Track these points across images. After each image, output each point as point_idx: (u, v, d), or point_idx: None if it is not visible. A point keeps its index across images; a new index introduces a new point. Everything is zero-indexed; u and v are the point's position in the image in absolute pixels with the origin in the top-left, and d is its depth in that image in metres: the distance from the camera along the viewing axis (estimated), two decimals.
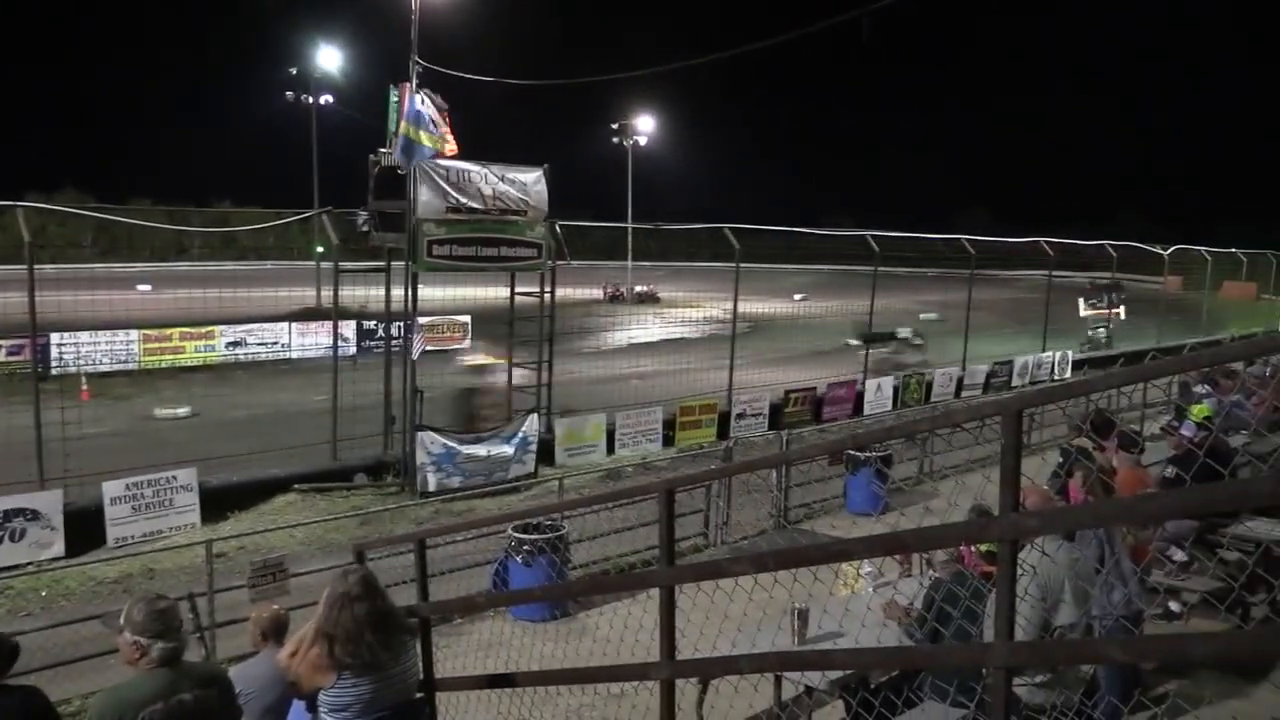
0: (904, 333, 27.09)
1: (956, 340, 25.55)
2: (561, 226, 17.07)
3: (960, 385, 23.57)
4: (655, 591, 4.00)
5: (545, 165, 15.62)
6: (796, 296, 42.03)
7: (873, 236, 23.36)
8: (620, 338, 32.60)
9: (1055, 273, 28.76)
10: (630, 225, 50.58)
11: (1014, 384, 24.79)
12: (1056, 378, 26.41)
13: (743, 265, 20.03)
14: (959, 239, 27.15)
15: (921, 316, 36.94)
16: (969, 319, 25.01)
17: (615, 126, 57.19)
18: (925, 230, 35.67)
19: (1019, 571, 2.87)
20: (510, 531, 9.78)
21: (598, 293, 48.63)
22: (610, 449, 17.35)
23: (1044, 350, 27.37)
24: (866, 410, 21.21)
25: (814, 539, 11.07)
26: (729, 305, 20.75)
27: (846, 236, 29.29)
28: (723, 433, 18.47)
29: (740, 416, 19.16)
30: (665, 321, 38.99)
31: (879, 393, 21.82)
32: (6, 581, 10.95)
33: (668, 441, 18.05)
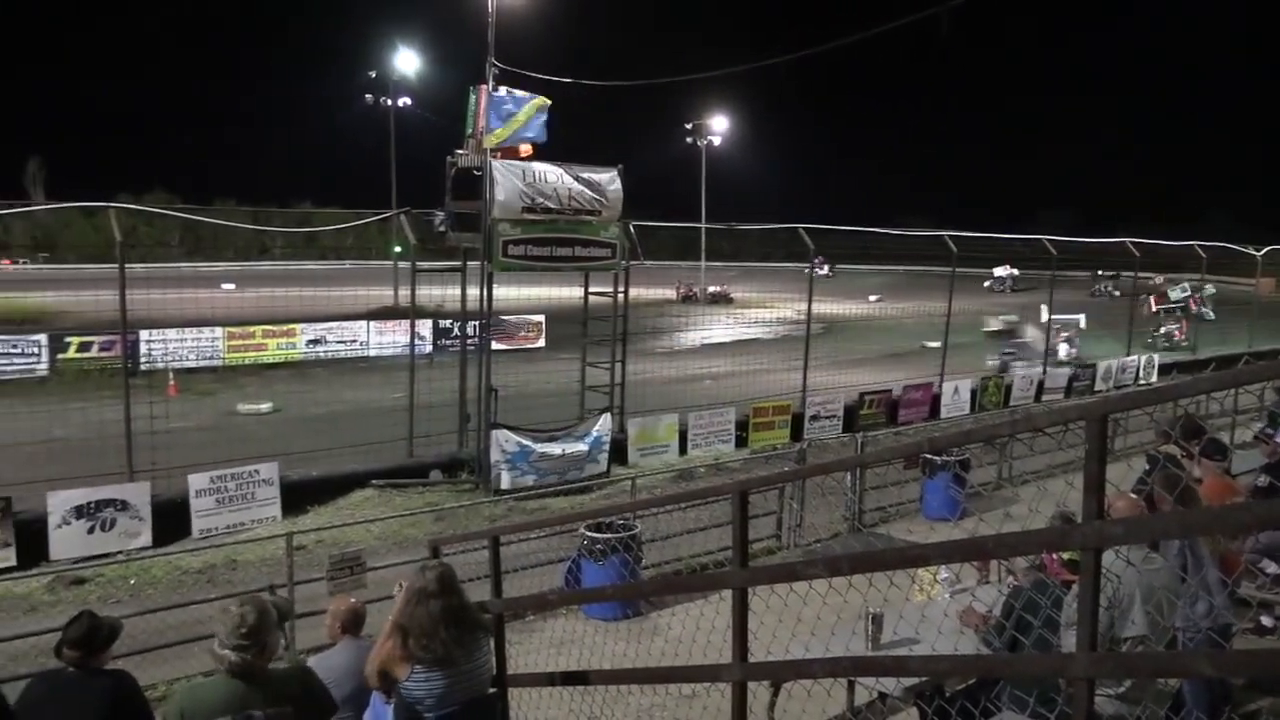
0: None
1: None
2: (635, 227, 17.10)
3: (1041, 389, 23.07)
4: (727, 593, 3.98)
5: (620, 165, 15.67)
6: (872, 297, 41.52)
7: (950, 236, 22.97)
8: (693, 338, 32.54)
9: (1141, 274, 27.95)
10: (704, 225, 50.44)
11: (1097, 388, 24.17)
12: (1142, 382, 25.69)
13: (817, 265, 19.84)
14: (1040, 239, 26.58)
15: (1000, 318, 36.23)
16: (1050, 322, 24.46)
17: (689, 126, 57.11)
18: (1004, 230, 34.98)
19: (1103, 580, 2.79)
20: (583, 530, 9.82)
21: (670, 293, 48.59)
22: (683, 449, 17.32)
23: (1128, 354, 26.64)
24: (943, 413, 20.88)
25: (890, 543, 10.90)
26: (803, 306, 20.58)
27: (923, 236, 28.83)
28: (796, 434, 18.33)
29: (814, 418, 18.99)
30: (738, 322, 38.81)
31: (956, 396, 21.46)
32: (98, 569, 11.37)
33: (740, 442, 17.97)
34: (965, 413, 21.26)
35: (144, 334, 25.28)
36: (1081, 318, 29.79)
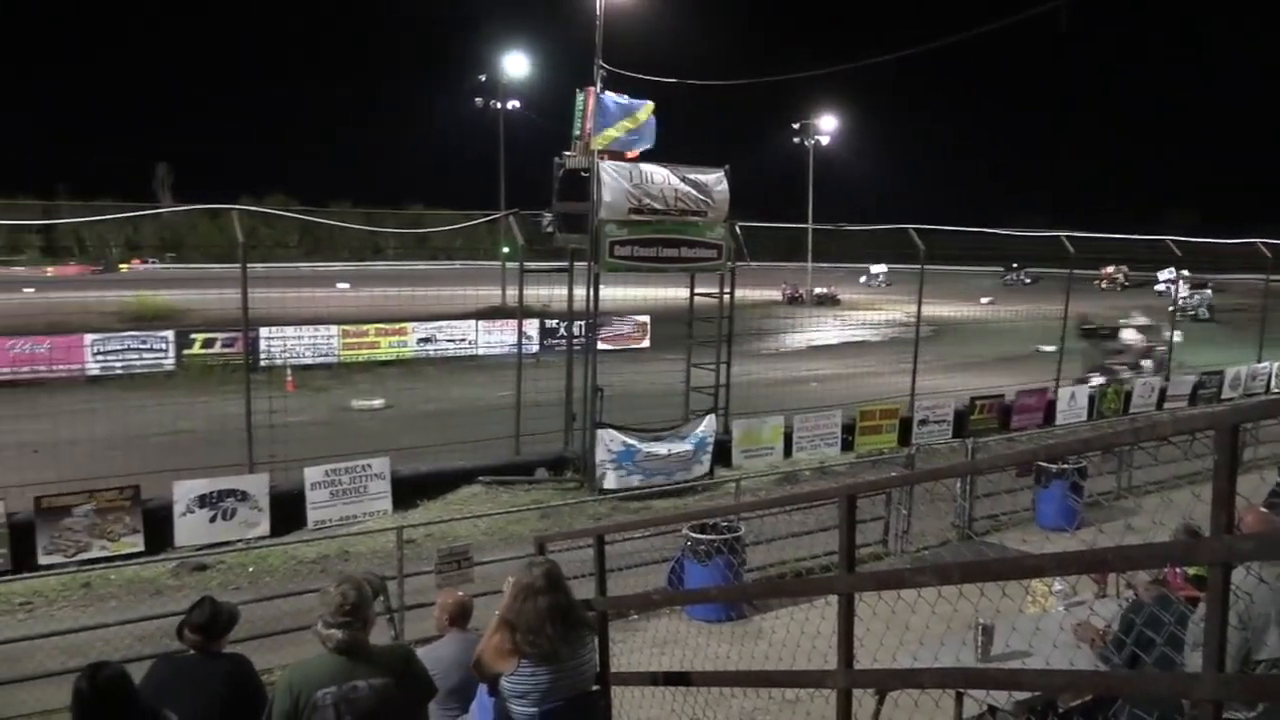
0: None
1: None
2: (741, 227, 17.02)
3: (1163, 396, 22.14)
4: (832, 598, 3.92)
5: (727, 166, 15.62)
6: (984, 300, 40.56)
7: (1067, 237, 22.23)
8: (799, 340, 32.26)
9: (1273, 277, 26.63)
10: (811, 226, 49.98)
11: (1224, 396, 23.11)
12: (1275, 390, 24.44)
13: (927, 266, 19.46)
14: (1164, 239, 25.54)
15: (1120, 323, 34.97)
16: (1174, 326, 23.47)
17: (796, 126, 56.62)
18: (1125, 231, 33.72)
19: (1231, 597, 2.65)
20: (686, 531, 9.81)
21: (776, 294, 48.28)
22: (788, 452, 17.17)
23: (1259, 360, 25.38)
24: (1059, 420, 20.22)
25: (1002, 552, 10.62)
26: (912, 308, 20.20)
27: (1039, 237, 28.00)
28: (904, 439, 17.99)
29: (923, 423, 18.62)
30: (845, 324, 38.35)
31: (1073, 402, 20.76)
32: (219, 556, 11.83)
33: (846, 446, 17.72)
34: (1082, 420, 20.55)
35: (264, 331, 26.23)
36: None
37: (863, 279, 60.31)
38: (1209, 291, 42.93)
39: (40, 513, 11.63)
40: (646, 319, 32.79)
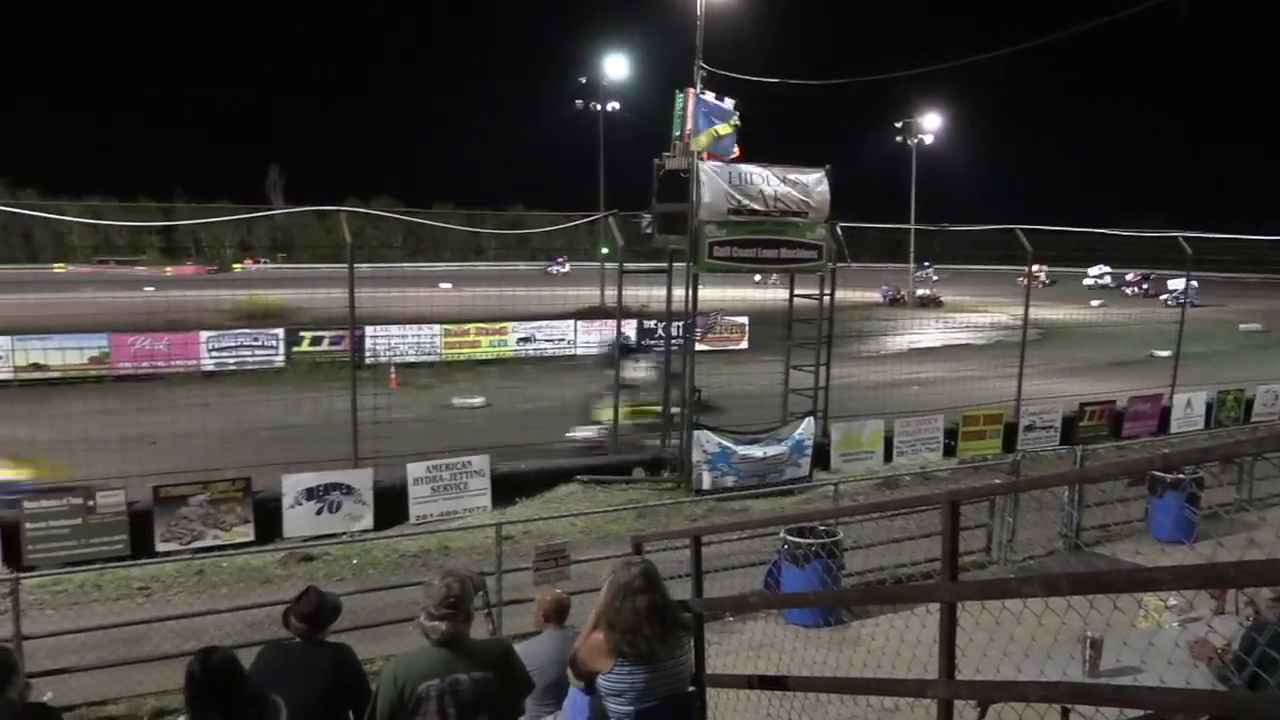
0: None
1: None
2: (842, 228, 16.80)
3: None
4: (933, 606, 3.83)
5: (827, 166, 15.44)
6: (1094, 302, 39.29)
7: (1184, 237, 21.37)
8: (900, 342, 31.74)
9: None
10: (913, 226, 49.09)
11: None
12: None
13: (1034, 268, 18.91)
14: None
15: (1242, 327, 33.53)
16: None
17: (899, 125, 55.69)
18: (1246, 231, 32.28)
19: None
20: (783, 534, 9.72)
21: (877, 295, 47.60)
22: (888, 456, 16.90)
23: None
24: (1174, 428, 19.47)
25: (1114, 564, 10.26)
26: (1018, 310, 19.68)
27: (1153, 238, 26.97)
28: (1008, 445, 17.55)
29: (1029, 429, 18.12)
30: (948, 326, 37.58)
31: (1189, 409, 19.97)
32: (325, 548, 12.17)
33: (949, 451, 17.37)
34: (1199, 428, 19.74)
35: (369, 330, 26.88)
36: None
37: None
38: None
39: (158, 502, 12.16)
40: (745, 320, 32.64)
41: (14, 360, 23.67)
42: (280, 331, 28.18)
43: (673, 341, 17.14)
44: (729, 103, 15.45)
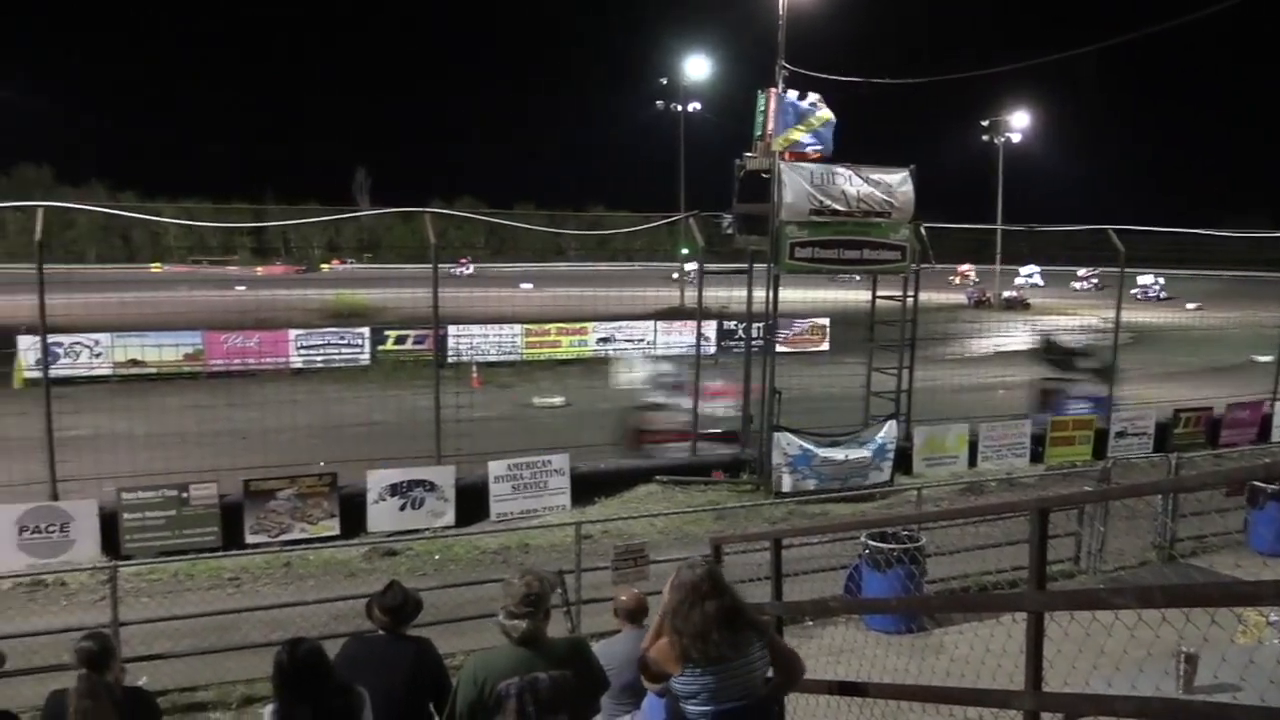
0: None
1: None
2: (926, 228, 16.53)
3: None
4: (1020, 615, 3.74)
5: (911, 166, 15.21)
6: (1190, 305, 38.03)
7: None
8: (985, 345, 31.12)
9: None
10: (1000, 227, 48.11)
11: None
12: None
13: (1127, 270, 18.39)
14: None
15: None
16: None
17: (985, 124, 54.58)
18: None
19: None
20: (864, 538, 9.59)
21: (961, 297, 46.76)
22: (972, 461, 16.61)
23: None
24: (1275, 436, 18.73)
25: (1211, 577, 9.90)
26: (1109, 313, 19.13)
27: (1257, 238, 25.99)
28: (1099, 452, 17.09)
29: (1120, 435, 17.62)
30: (1035, 329, 36.71)
31: None
32: (408, 543, 12.39)
33: (1036, 457, 17.00)
34: None
35: (452, 329, 27.24)
36: None
37: (1075, 284, 57.84)
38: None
39: (248, 495, 12.52)
40: (826, 321, 32.33)
41: (113, 356, 24.53)
42: (366, 330, 28.74)
43: (753, 342, 17.04)
44: (811, 100, 15.31)
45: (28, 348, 19.64)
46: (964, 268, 54.19)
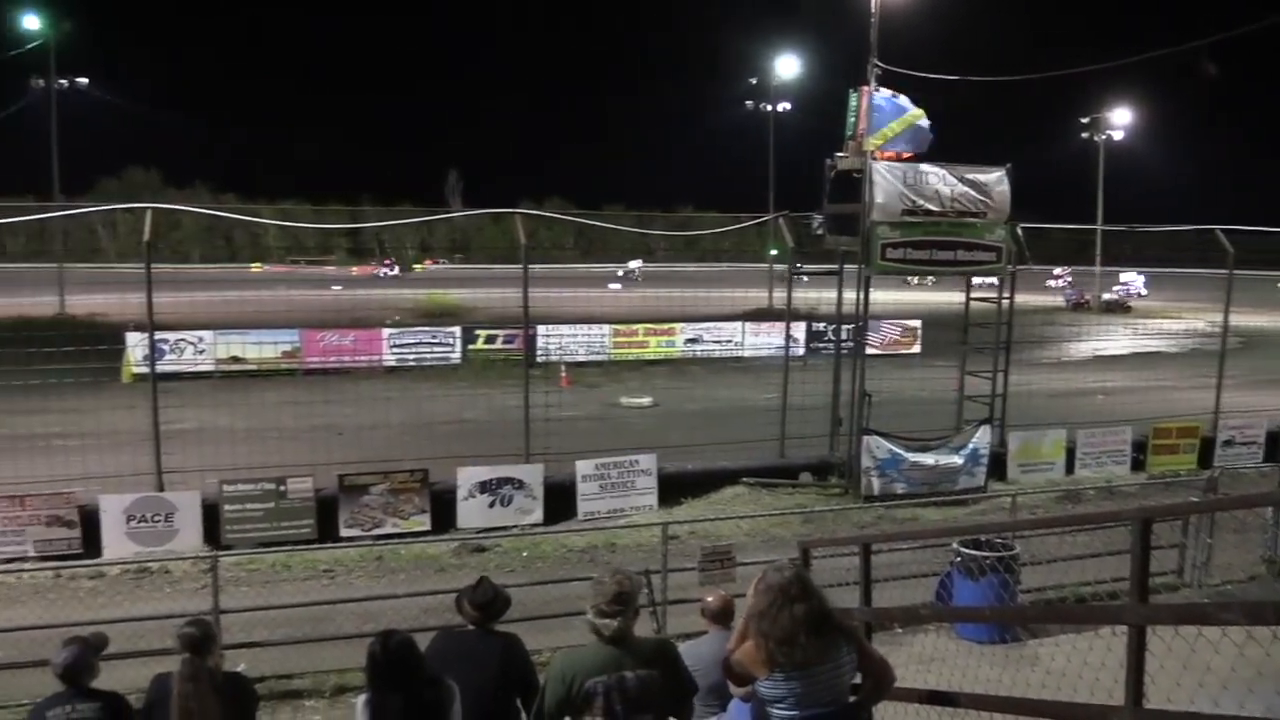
0: None
1: None
2: (1023, 229, 16.13)
3: None
4: (1120, 629, 3.62)
5: (1008, 165, 14.88)
6: None
7: None
8: (1084, 349, 30.27)
9: None
10: (1100, 227, 46.71)
11: None
12: None
13: (1236, 272, 17.69)
14: None
15: None
16: None
17: (1085, 121, 53.05)
18: None
19: None
20: (955, 545, 9.39)
21: (1059, 299, 45.57)
22: (1069, 468, 16.17)
23: None
24: None
25: None
26: (1217, 317, 18.44)
27: None
28: (1204, 461, 16.48)
29: (1228, 444, 16.96)
30: (1137, 333, 35.61)
31: None
32: (496, 540, 12.55)
33: (1137, 465, 16.48)
34: None
35: (541, 329, 27.49)
36: None
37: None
38: None
39: (343, 490, 12.83)
40: (917, 323, 31.81)
41: (216, 353, 25.40)
42: (457, 329, 29.18)
43: (843, 345, 16.84)
44: (904, 99, 15.09)
45: (136, 344, 20.46)
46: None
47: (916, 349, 31.12)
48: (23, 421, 13.86)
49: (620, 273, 60.46)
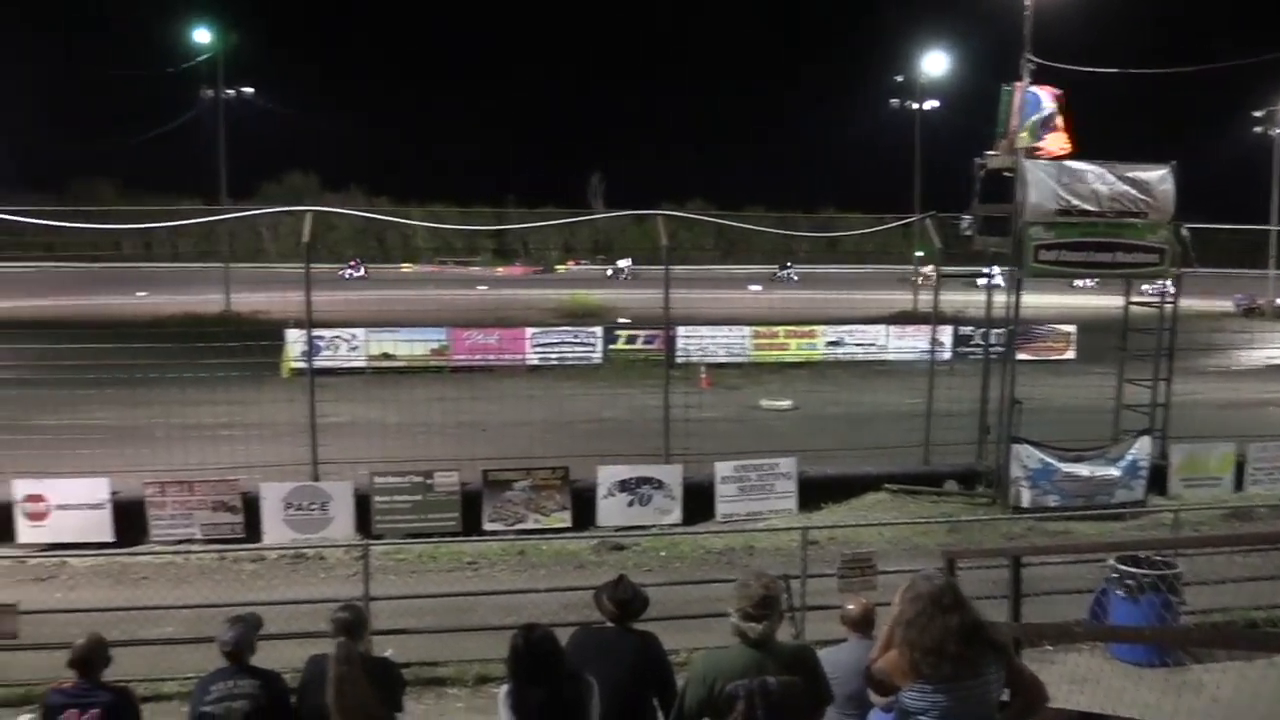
0: None
1: None
2: (1189, 230, 15.28)
3: None
4: None
5: (1172, 163, 14.13)
6: None
7: None
8: (1256, 357, 28.50)
9: None
10: (1275, 228, 43.92)
11: None
12: None
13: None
14: None
15: None
16: None
17: (1259, 115, 49.92)
18: None
19: None
20: (1112, 562, 8.96)
21: (1228, 304, 43.06)
22: (1238, 484, 15.25)
23: None
24: None
25: None
26: None
27: None
28: None
29: None
30: None
31: None
32: (635, 539, 12.63)
33: None
34: None
35: (681, 330, 27.52)
36: None
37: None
38: None
39: (487, 485, 13.16)
40: (1072, 328, 30.52)
41: (368, 350, 26.37)
42: (598, 330, 29.48)
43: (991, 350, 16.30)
44: (1058, 95, 14.51)
45: (294, 340, 21.45)
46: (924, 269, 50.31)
47: (1070, 355, 29.85)
48: (192, 412, 14.67)
49: (609, 272, 61.06)
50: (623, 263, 64.35)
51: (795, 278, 54.46)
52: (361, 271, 50.45)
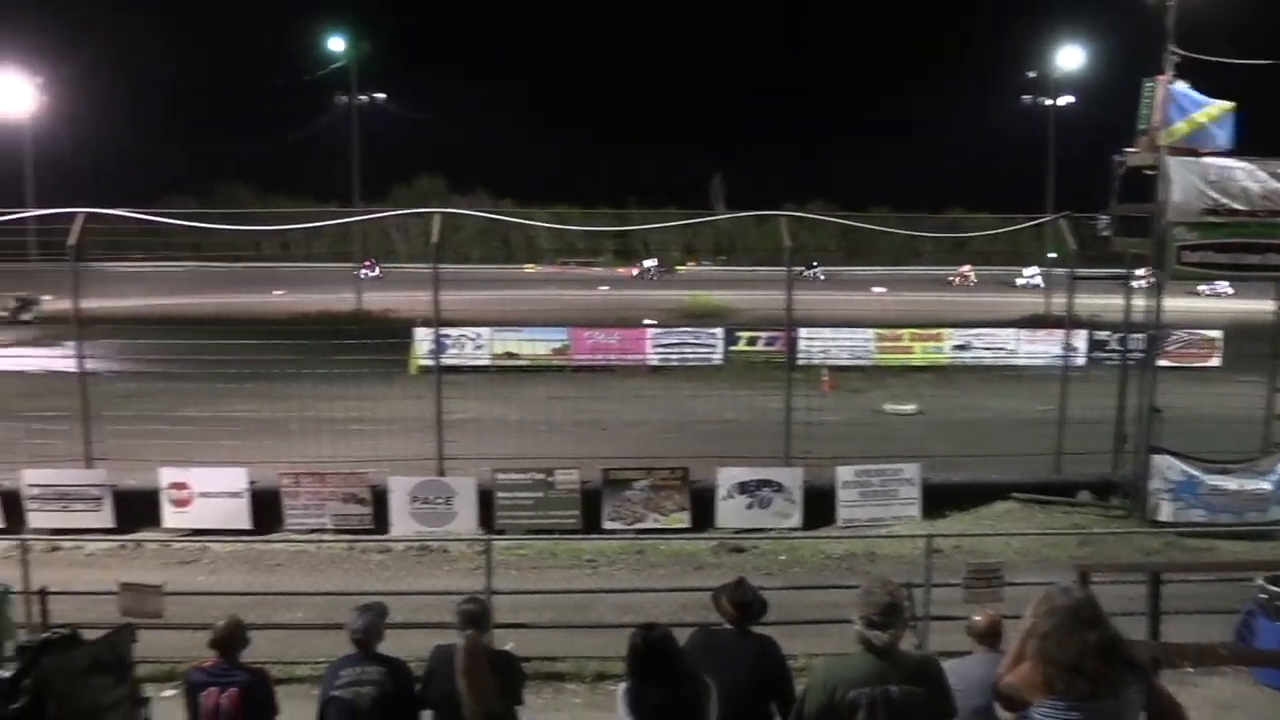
0: None
1: None
2: None
3: None
4: None
5: None
6: None
7: None
8: None
9: None
10: None
11: None
12: None
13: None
14: None
15: None
16: None
17: None
18: None
19: None
20: (1260, 582, 8.49)
21: None
22: None
23: None
24: None
25: None
26: None
27: None
28: None
29: None
30: None
31: None
32: (754, 542, 12.57)
33: None
34: None
35: (802, 331, 27.22)
36: None
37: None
38: None
39: (607, 484, 13.27)
40: (1218, 334, 29.05)
41: (492, 349, 26.92)
42: (719, 331, 29.40)
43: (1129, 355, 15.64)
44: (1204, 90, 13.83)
45: (423, 338, 22.05)
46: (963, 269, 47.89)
47: (1215, 362, 28.42)
48: (325, 406, 15.20)
49: (635, 272, 60.46)
50: (649, 263, 64.96)
51: (822, 277, 53.13)
52: (376, 271, 51.57)
